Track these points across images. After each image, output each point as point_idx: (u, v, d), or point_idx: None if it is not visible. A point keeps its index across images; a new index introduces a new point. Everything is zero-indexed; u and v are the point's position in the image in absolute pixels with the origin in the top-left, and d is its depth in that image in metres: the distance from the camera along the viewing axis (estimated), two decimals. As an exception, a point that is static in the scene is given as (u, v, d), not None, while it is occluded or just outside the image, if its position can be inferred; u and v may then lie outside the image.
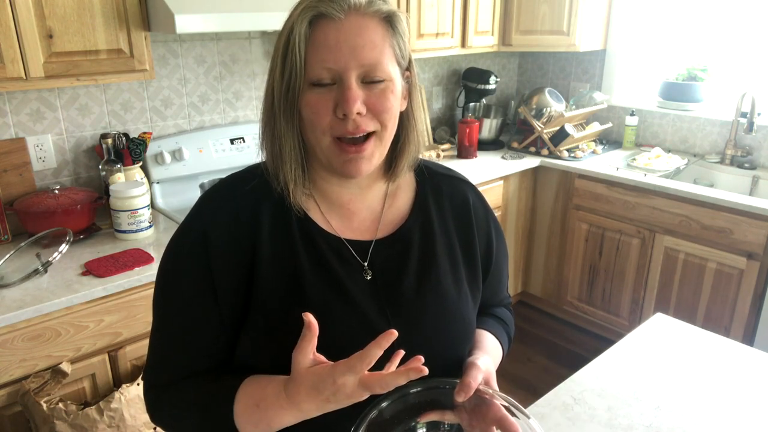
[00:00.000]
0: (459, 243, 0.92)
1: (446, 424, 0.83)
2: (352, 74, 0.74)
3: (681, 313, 2.59)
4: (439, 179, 0.95)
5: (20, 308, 1.46)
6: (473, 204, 0.95)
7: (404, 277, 0.86)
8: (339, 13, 0.74)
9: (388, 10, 0.78)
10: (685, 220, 2.50)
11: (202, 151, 2.25)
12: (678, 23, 3.03)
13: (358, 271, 0.84)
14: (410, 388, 0.79)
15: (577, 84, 3.36)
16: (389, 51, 0.77)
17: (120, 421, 1.55)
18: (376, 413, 0.76)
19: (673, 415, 1.09)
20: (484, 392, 0.81)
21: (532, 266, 3.19)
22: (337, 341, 0.79)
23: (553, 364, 2.80)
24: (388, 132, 0.80)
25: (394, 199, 0.91)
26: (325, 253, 0.83)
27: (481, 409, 0.80)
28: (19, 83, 1.61)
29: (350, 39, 0.74)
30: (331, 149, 0.78)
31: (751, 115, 2.59)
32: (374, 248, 0.86)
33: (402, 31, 0.79)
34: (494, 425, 0.79)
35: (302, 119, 0.78)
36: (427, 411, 0.82)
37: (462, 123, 2.93)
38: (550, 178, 2.97)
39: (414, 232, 0.89)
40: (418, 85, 0.86)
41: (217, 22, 1.80)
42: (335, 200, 0.87)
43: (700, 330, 1.38)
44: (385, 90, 0.77)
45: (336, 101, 0.75)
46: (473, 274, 0.93)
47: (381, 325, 0.82)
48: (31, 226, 1.81)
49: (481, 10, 2.87)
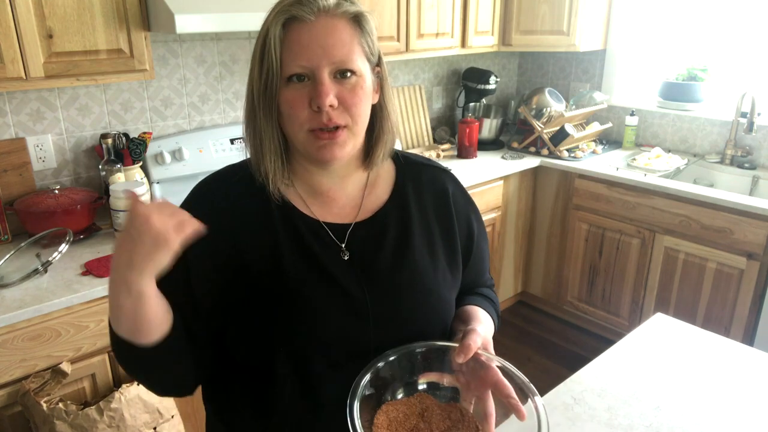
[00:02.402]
0: (438, 228, 0.96)
1: (444, 383, 0.87)
2: (324, 70, 0.80)
3: (681, 313, 2.59)
4: (419, 168, 1.00)
5: (20, 308, 1.46)
6: (452, 192, 0.99)
7: (380, 255, 0.90)
8: (309, 15, 0.80)
9: (356, 10, 0.84)
10: (685, 220, 2.50)
11: (202, 151, 2.25)
12: (678, 23, 3.03)
13: (335, 252, 0.89)
14: (416, 347, 0.85)
15: (577, 84, 3.36)
16: (358, 48, 0.83)
17: (120, 421, 1.55)
18: (382, 363, 0.82)
19: (673, 415, 1.09)
20: (482, 355, 0.83)
21: (532, 266, 3.19)
22: (316, 316, 0.84)
23: (553, 364, 2.80)
24: (359, 126, 0.85)
25: (373, 187, 0.95)
26: (304, 235, 0.88)
27: (478, 372, 0.84)
28: (19, 83, 1.61)
29: (321, 38, 0.80)
30: (307, 139, 0.84)
31: (751, 115, 2.59)
32: (352, 231, 0.91)
33: (369, 30, 0.85)
34: (490, 388, 0.82)
35: (281, 114, 0.84)
36: (426, 371, 0.86)
37: (462, 123, 2.93)
38: (550, 178, 2.97)
39: (391, 215, 0.93)
40: (388, 79, 0.91)
41: (217, 22, 1.80)
42: (316, 188, 0.92)
43: (700, 330, 1.38)
44: (355, 86, 0.83)
45: (310, 96, 0.81)
46: (453, 258, 0.96)
47: (358, 299, 0.86)
48: (31, 226, 1.81)
49: (481, 10, 2.87)
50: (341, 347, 0.85)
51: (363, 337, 0.85)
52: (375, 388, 0.81)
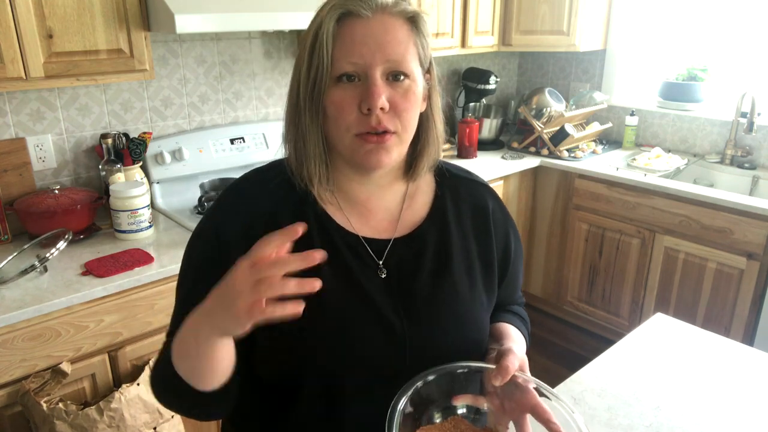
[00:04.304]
0: (476, 246, 0.92)
1: (483, 408, 0.83)
2: (377, 70, 0.76)
3: (681, 313, 2.59)
4: (459, 182, 0.96)
5: (20, 308, 1.46)
6: (492, 209, 0.96)
7: (419, 277, 0.86)
8: (366, 11, 0.76)
9: (414, 10, 0.80)
10: (685, 220, 2.50)
11: (202, 151, 2.25)
12: (678, 23, 3.03)
13: (372, 269, 0.85)
14: (456, 368, 0.81)
15: (577, 84, 3.36)
16: (413, 50, 0.79)
17: (120, 421, 1.55)
18: (421, 383, 0.78)
19: (673, 415, 1.09)
20: (519, 377, 0.80)
21: (532, 266, 3.19)
22: (350, 336, 0.81)
23: (553, 364, 2.80)
24: (407, 133, 0.82)
25: (412, 200, 0.91)
26: (341, 250, 0.84)
27: (515, 395, 0.80)
28: (19, 83, 1.61)
29: (377, 36, 0.76)
30: (353, 143, 0.79)
31: (751, 115, 2.59)
32: (390, 248, 0.87)
33: (425, 32, 0.81)
34: (528, 412, 0.79)
35: (326, 116, 0.79)
36: (461, 393, 0.82)
37: (462, 123, 2.93)
38: (550, 178, 2.97)
39: (431, 233, 0.89)
40: (437, 88, 0.87)
41: (217, 22, 1.80)
42: (354, 198, 0.88)
43: (700, 330, 1.37)
44: (407, 90, 0.79)
45: (361, 97, 0.77)
46: (489, 278, 0.93)
47: (394, 322, 0.83)
48: (31, 226, 1.81)
49: (481, 10, 2.87)
50: (373, 370, 0.82)
51: (397, 361, 0.82)
52: (413, 407, 0.77)
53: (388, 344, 0.82)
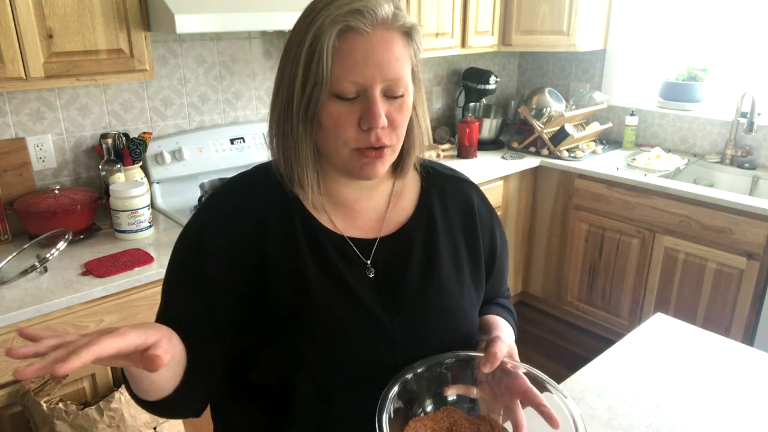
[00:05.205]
0: (463, 243, 0.93)
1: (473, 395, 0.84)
2: (377, 88, 0.76)
3: (681, 313, 2.59)
4: (444, 180, 0.97)
5: (20, 308, 1.46)
6: (477, 205, 0.97)
7: (407, 274, 0.87)
8: (367, 27, 0.74)
9: (411, 24, 0.79)
10: (685, 220, 2.50)
11: (202, 151, 2.25)
12: (678, 23, 3.03)
13: (360, 269, 0.85)
14: (444, 358, 0.83)
15: (577, 84, 3.36)
16: (407, 63, 0.79)
17: (120, 421, 1.55)
18: (410, 375, 0.79)
19: (673, 415, 1.09)
20: (508, 363, 0.81)
21: (532, 266, 3.19)
22: (341, 336, 0.81)
23: (553, 364, 2.80)
24: (401, 142, 0.83)
25: (398, 199, 0.92)
26: (328, 251, 0.84)
27: (505, 381, 0.81)
28: (19, 83, 1.61)
29: (377, 54, 0.75)
30: (351, 156, 0.79)
31: (751, 115, 2.59)
32: (377, 246, 0.87)
33: (418, 42, 0.81)
34: (519, 397, 0.80)
35: (320, 126, 0.78)
36: (453, 383, 0.83)
37: (462, 123, 2.93)
38: (550, 178, 2.97)
39: (417, 230, 0.90)
40: (420, 84, 0.86)
41: (217, 22, 1.80)
42: (341, 199, 0.88)
43: (700, 330, 1.37)
44: (402, 104, 0.79)
45: (360, 114, 0.76)
46: (477, 273, 0.94)
47: (384, 321, 0.83)
48: (31, 226, 1.81)
49: (481, 10, 2.87)
50: (365, 367, 0.82)
51: (388, 358, 0.83)
52: (403, 402, 0.78)
53: (379, 342, 0.83)
